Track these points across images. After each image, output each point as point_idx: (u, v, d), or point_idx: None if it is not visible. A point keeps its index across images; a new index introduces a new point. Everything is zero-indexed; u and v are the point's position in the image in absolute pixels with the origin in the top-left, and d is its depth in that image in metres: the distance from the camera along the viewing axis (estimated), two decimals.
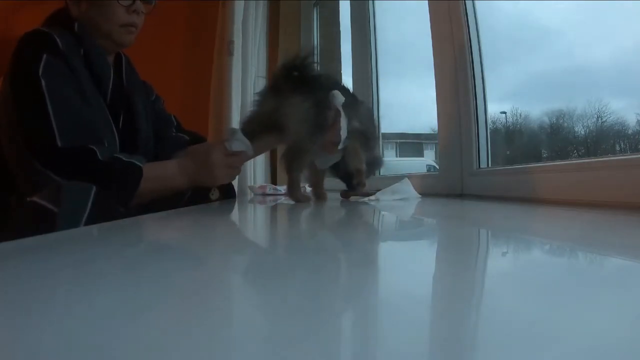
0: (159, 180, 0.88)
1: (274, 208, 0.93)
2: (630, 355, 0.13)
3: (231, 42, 1.86)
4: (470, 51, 1.05)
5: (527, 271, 0.27)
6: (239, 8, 1.91)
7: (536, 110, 1.38)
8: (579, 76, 1.08)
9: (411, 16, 1.72)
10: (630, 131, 1.02)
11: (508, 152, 1.53)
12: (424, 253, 0.37)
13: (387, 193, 0.97)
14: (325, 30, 2.24)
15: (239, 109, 1.89)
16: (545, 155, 1.43)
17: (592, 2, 0.97)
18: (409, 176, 1.14)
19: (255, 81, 2.00)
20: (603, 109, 1.11)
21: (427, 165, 2.89)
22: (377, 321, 0.17)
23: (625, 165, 0.63)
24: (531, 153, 1.51)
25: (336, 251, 0.36)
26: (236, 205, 1.07)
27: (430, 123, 1.79)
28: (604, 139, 1.19)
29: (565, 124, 1.22)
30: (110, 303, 0.19)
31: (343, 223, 0.63)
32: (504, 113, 1.46)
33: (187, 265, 0.30)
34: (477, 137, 1.04)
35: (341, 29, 2.02)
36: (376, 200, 0.93)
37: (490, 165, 1.04)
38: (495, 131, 1.27)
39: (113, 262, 0.31)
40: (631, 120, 1.02)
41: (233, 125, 1.81)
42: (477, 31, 1.07)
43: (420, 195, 1.02)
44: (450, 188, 1.08)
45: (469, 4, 1.07)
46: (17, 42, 0.85)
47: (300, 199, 0.94)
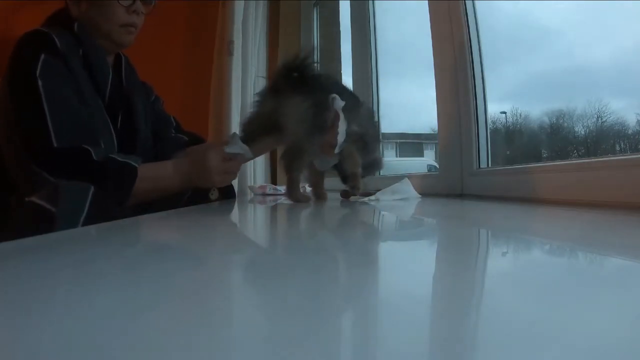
0: (155, 180, 0.88)
1: (274, 208, 0.93)
2: (630, 355, 0.13)
3: (231, 42, 1.86)
4: (470, 51, 1.05)
5: (527, 271, 0.27)
6: (239, 8, 1.91)
7: (536, 110, 1.38)
8: (579, 76, 1.08)
9: (411, 16, 1.72)
10: (630, 131, 1.02)
11: (508, 152, 1.53)
12: (424, 253, 0.37)
13: (387, 193, 0.97)
14: (325, 30, 2.24)
15: (239, 109, 1.89)
16: (545, 155, 1.43)
17: (592, 2, 0.97)
18: (409, 176, 1.14)
19: (255, 81, 2.00)
20: (603, 109, 1.11)
21: (428, 165, 2.89)
22: (377, 321, 0.17)
23: (625, 165, 0.63)
24: (531, 153, 1.51)
25: (336, 251, 0.36)
26: (236, 205, 1.07)
27: (430, 123, 1.79)
28: (604, 139, 1.19)
29: (565, 124, 1.23)
30: (110, 303, 0.19)
31: (343, 223, 0.63)
32: (504, 113, 1.46)
33: (187, 265, 0.30)
34: (477, 137, 1.04)
35: (341, 29, 2.02)
36: (376, 200, 0.93)
37: (490, 165, 1.04)
38: (495, 131, 1.27)
39: (113, 262, 0.31)
40: (631, 120, 1.02)
41: (233, 125, 1.82)
42: (477, 31, 1.07)
43: (420, 195, 1.02)
44: (450, 188, 1.08)
45: (469, 4, 1.07)
46: (17, 42, 0.85)
47: (299, 199, 0.94)
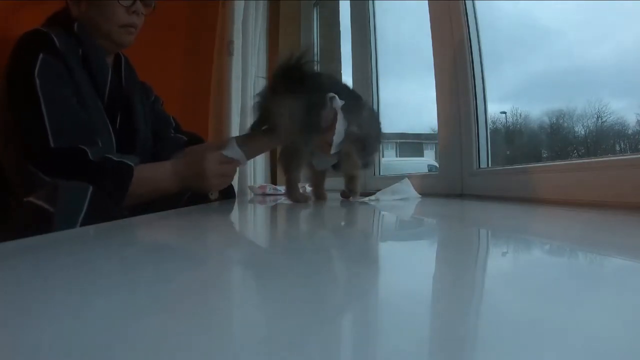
0: (152, 181, 0.88)
1: (274, 208, 0.93)
2: (630, 355, 0.13)
3: (231, 42, 1.86)
4: (470, 51, 1.05)
5: (527, 271, 0.27)
6: (239, 8, 1.91)
7: (536, 110, 1.38)
8: (579, 76, 1.08)
9: (411, 16, 1.72)
10: (630, 131, 1.02)
11: (508, 152, 1.53)
12: (424, 253, 0.37)
13: (387, 193, 0.97)
14: (325, 30, 2.24)
15: (239, 109, 1.89)
16: (545, 155, 1.43)
17: (592, 2, 0.97)
18: (409, 176, 1.14)
19: (255, 81, 2.00)
20: (603, 109, 1.11)
21: (429, 165, 2.89)
22: (377, 321, 0.17)
23: (625, 165, 0.63)
24: (531, 153, 1.51)
25: (336, 251, 0.36)
26: (236, 205, 1.07)
27: (430, 123, 1.78)
28: (604, 139, 1.19)
29: (565, 124, 1.22)
30: (109, 303, 0.19)
31: (343, 223, 0.63)
32: (504, 113, 1.46)
33: (187, 265, 0.30)
34: (477, 137, 1.04)
35: (341, 29, 2.02)
36: (376, 200, 0.93)
37: (490, 165, 1.04)
38: (495, 131, 1.26)
39: (112, 262, 0.31)
40: (631, 120, 1.02)
41: (233, 125, 1.82)
42: (477, 31, 1.07)
43: (420, 195, 1.02)
44: (450, 188, 1.08)
45: (469, 4, 1.07)
46: (16, 42, 0.85)
47: (298, 199, 0.94)
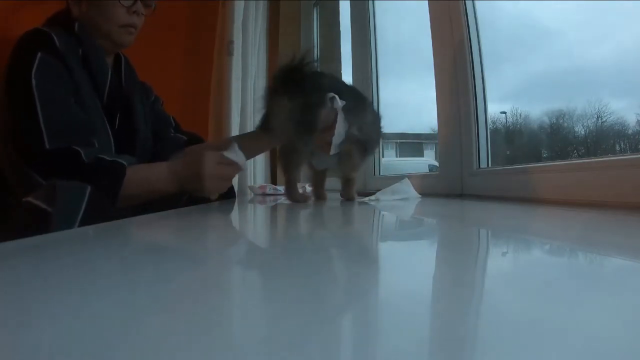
0: (146, 182, 0.86)
1: (274, 208, 0.93)
2: (630, 355, 0.13)
3: (231, 42, 1.86)
4: (470, 51, 1.05)
5: (527, 271, 0.27)
6: (239, 8, 1.91)
7: (536, 110, 1.38)
8: (579, 76, 1.08)
9: (411, 16, 1.72)
10: (630, 131, 1.02)
11: (508, 152, 1.53)
12: (424, 253, 0.37)
13: (387, 193, 0.97)
14: (325, 30, 2.24)
15: (239, 109, 1.89)
16: (545, 155, 1.43)
17: (592, 2, 0.97)
18: (409, 176, 1.14)
19: (255, 81, 2.00)
20: (603, 109, 1.11)
21: (430, 165, 2.89)
22: (377, 321, 0.17)
23: (625, 165, 0.63)
24: (531, 153, 1.51)
25: (336, 251, 0.36)
26: (236, 205, 1.07)
27: (430, 123, 1.78)
28: (604, 139, 1.19)
29: (565, 124, 1.22)
30: (109, 303, 0.19)
31: (343, 223, 0.63)
32: (504, 113, 1.46)
33: (187, 265, 0.30)
34: (477, 137, 1.04)
35: (341, 29, 2.02)
36: (376, 200, 0.93)
37: (490, 165, 1.04)
38: (495, 131, 1.27)
39: (112, 262, 0.31)
40: (631, 120, 1.02)
41: (233, 125, 1.82)
42: (477, 31, 1.07)
43: (420, 195, 1.02)
44: (450, 188, 1.08)
45: (469, 4, 1.07)
46: (16, 41, 0.85)
47: (298, 199, 0.94)
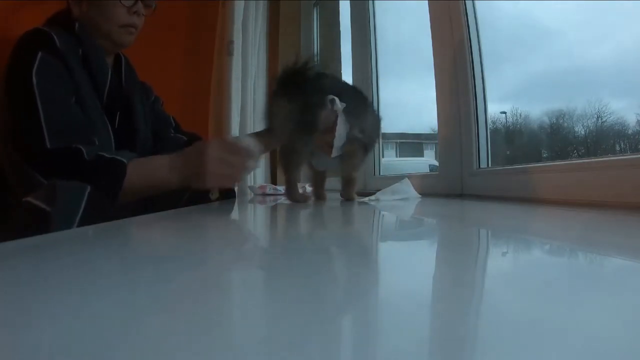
0: (148, 176, 0.84)
1: (274, 208, 0.93)
2: (630, 355, 0.13)
3: (231, 42, 1.86)
4: (470, 51, 1.05)
5: (527, 271, 0.27)
6: (239, 8, 1.91)
7: (536, 110, 1.38)
8: (579, 76, 1.08)
9: (411, 16, 1.72)
10: (630, 131, 1.02)
11: (508, 152, 1.53)
12: (424, 253, 0.37)
13: (387, 193, 0.97)
14: (325, 30, 2.24)
15: (239, 109, 1.89)
16: (545, 155, 1.43)
17: (592, 2, 0.97)
18: (409, 176, 1.14)
19: (255, 81, 2.00)
20: (603, 109, 1.12)
21: (430, 165, 2.89)
22: (377, 321, 0.17)
23: (625, 165, 0.63)
24: (531, 153, 1.51)
25: (336, 251, 0.36)
26: (236, 205, 1.07)
27: (430, 123, 1.79)
28: (604, 139, 1.19)
29: (565, 124, 1.23)
30: (109, 303, 0.19)
31: (343, 223, 0.63)
32: (504, 113, 1.46)
33: (187, 265, 0.30)
34: (477, 137, 1.04)
35: (341, 29, 2.02)
36: (376, 200, 0.92)
37: (490, 165, 1.04)
38: (495, 131, 1.27)
39: (113, 262, 0.31)
40: (631, 120, 1.02)
41: (233, 125, 1.82)
42: (477, 31, 1.07)
43: (420, 195, 1.02)
44: (450, 188, 1.08)
45: (469, 4, 1.07)
46: (16, 41, 0.85)
47: (298, 199, 0.94)
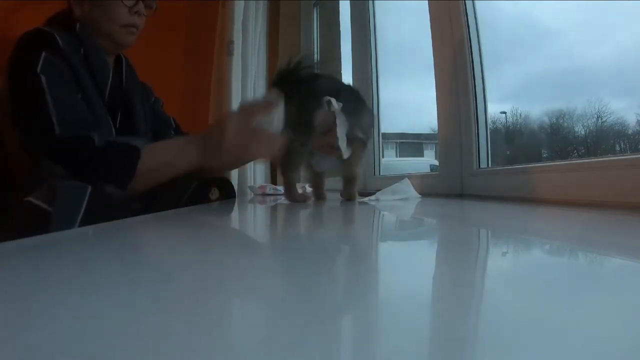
0: (164, 158, 0.83)
1: (274, 208, 0.93)
2: (630, 355, 0.13)
3: (231, 42, 1.86)
4: (470, 51, 1.05)
5: (527, 271, 0.27)
6: (239, 8, 1.91)
7: (536, 110, 1.38)
8: (579, 76, 1.08)
9: (411, 16, 1.72)
10: (630, 131, 1.02)
11: (508, 152, 1.53)
12: (424, 253, 0.37)
13: (387, 193, 0.97)
14: (325, 30, 2.24)
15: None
16: (545, 155, 1.43)
17: (592, 2, 0.97)
18: (409, 176, 1.14)
19: (255, 81, 2.00)
20: (603, 109, 1.12)
21: (431, 165, 2.89)
22: (377, 321, 0.17)
23: (625, 165, 0.63)
24: (531, 153, 1.51)
25: (336, 251, 0.36)
26: (236, 205, 1.07)
27: (430, 123, 1.79)
28: (604, 139, 1.19)
29: (565, 124, 1.23)
30: (110, 303, 0.19)
31: (343, 223, 0.63)
32: (504, 113, 1.46)
33: (187, 265, 0.30)
34: (477, 137, 1.04)
35: (341, 29, 2.02)
36: (376, 200, 0.92)
37: (490, 165, 1.04)
38: (495, 131, 1.27)
39: (113, 262, 0.31)
40: (631, 120, 1.02)
41: None
42: (477, 31, 1.07)
43: (420, 195, 1.02)
44: (450, 188, 1.08)
45: (469, 4, 1.07)
46: (17, 41, 0.85)
47: (297, 199, 0.94)
